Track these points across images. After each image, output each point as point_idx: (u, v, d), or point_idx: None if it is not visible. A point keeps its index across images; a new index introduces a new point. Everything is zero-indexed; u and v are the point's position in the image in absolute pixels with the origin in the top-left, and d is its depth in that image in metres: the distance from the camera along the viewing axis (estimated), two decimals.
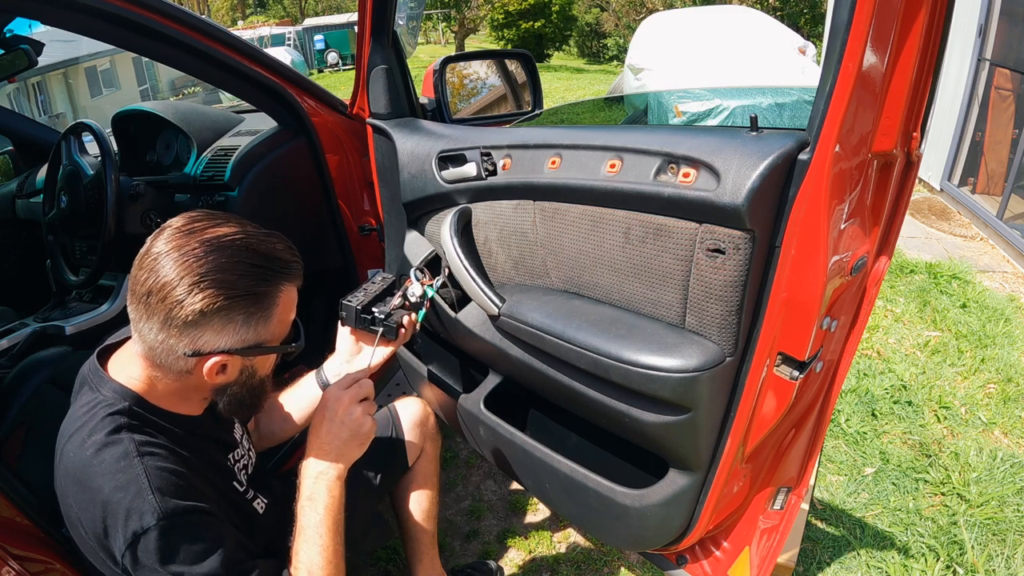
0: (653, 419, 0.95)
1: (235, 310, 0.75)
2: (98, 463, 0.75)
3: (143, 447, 0.77)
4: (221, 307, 0.74)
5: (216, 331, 0.75)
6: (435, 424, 1.36)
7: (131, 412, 0.79)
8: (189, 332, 0.74)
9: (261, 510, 1.00)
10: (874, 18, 0.68)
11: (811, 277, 0.80)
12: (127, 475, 0.74)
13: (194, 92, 12.75)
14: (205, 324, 0.74)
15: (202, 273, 0.72)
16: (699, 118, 4.91)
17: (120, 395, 0.80)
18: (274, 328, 0.80)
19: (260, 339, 0.79)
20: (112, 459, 0.75)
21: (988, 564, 1.55)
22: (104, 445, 0.76)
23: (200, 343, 0.75)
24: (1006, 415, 2.10)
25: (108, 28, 1.20)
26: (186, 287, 0.72)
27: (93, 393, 0.81)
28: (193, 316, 0.73)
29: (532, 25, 20.03)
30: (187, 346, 0.75)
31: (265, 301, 0.78)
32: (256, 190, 1.65)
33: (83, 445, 0.77)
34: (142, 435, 0.78)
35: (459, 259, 1.16)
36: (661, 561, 1.24)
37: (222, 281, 0.73)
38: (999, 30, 3.74)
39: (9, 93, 5.90)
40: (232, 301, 0.74)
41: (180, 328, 0.74)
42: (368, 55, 1.41)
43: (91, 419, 0.78)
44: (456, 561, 1.63)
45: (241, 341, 0.77)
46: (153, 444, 0.78)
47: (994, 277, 3.18)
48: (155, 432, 0.80)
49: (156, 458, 0.77)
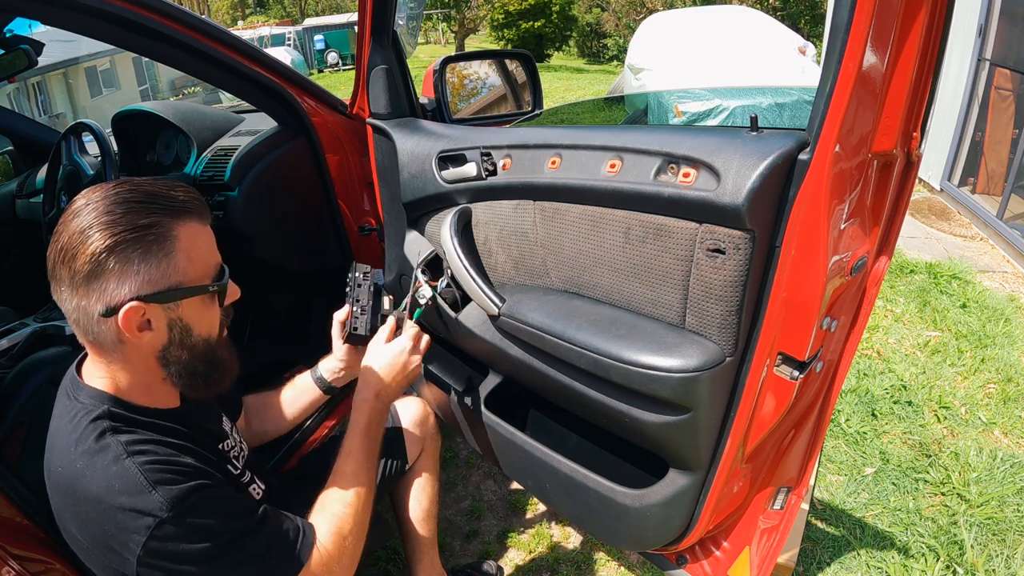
0: (653, 419, 0.95)
1: (128, 248, 0.71)
2: (90, 472, 0.74)
3: (131, 446, 0.75)
4: (111, 246, 0.70)
5: (117, 277, 0.71)
6: (435, 424, 1.36)
7: (111, 414, 0.77)
8: (93, 286, 0.71)
9: (258, 496, 0.99)
10: (874, 18, 0.68)
11: (811, 277, 0.80)
12: (123, 478, 0.73)
13: (194, 92, 12.75)
14: (104, 272, 0.71)
15: (89, 222, 0.71)
16: (699, 118, 4.91)
17: (96, 399, 0.78)
18: (184, 268, 0.75)
19: (171, 282, 0.74)
20: (103, 465, 0.74)
21: (988, 564, 1.55)
22: (92, 453, 0.74)
23: (108, 296, 0.71)
24: (1006, 415, 2.10)
25: (108, 28, 1.20)
26: (76, 240, 0.70)
27: (71, 402, 0.79)
28: (89, 265, 0.70)
29: (532, 25, 20.04)
30: (98, 303, 0.72)
31: (159, 236, 0.73)
32: (256, 190, 1.65)
33: (71, 457, 0.75)
34: (127, 435, 0.76)
35: (459, 259, 1.16)
36: (661, 561, 1.24)
37: (107, 223, 0.70)
38: (999, 30, 3.74)
39: (9, 93, 5.90)
40: (119, 237, 0.70)
41: (84, 284, 0.71)
42: (368, 55, 1.41)
43: (74, 429, 0.76)
44: (456, 561, 1.63)
45: (148, 283, 0.73)
46: (140, 442, 0.77)
47: (994, 277, 3.18)
48: (139, 429, 0.78)
49: (146, 455, 0.75)
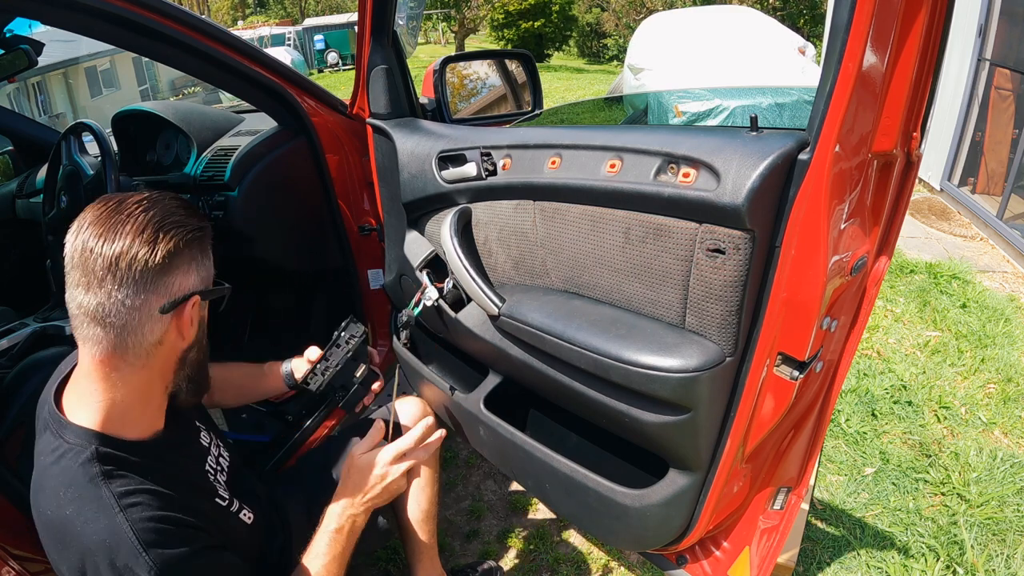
0: (653, 419, 0.95)
1: (194, 246, 0.77)
2: (80, 522, 0.72)
3: (123, 498, 0.73)
4: (187, 243, 0.76)
5: (184, 272, 0.76)
6: (433, 423, 1.36)
7: (101, 456, 0.75)
8: (163, 281, 0.74)
9: (249, 521, 0.98)
10: (874, 18, 0.68)
11: (811, 277, 0.80)
12: (113, 533, 0.72)
13: (194, 92, 12.76)
14: (175, 267, 0.75)
15: (156, 222, 0.74)
16: (699, 118, 4.91)
17: (83, 438, 0.76)
18: (211, 269, 0.82)
19: (209, 280, 0.81)
20: (92, 514, 0.72)
21: (988, 564, 1.55)
22: (83, 501, 0.73)
23: (174, 289, 0.76)
24: (1006, 415, 2.10)
25: (108, 28, 1.20)
26: (148, 239, 0.72)
27: (56, 439, 0.77)
28: (164, 261, 0.73)
29: (532, 25, 20.05)
30: (163, 299, 0.75)
31: (207, 238, 0.81)
32: (256, 190, 1.65)
33: (59, 502, 0.73)
34: (119, 481, 0.75)
35: (459, 259, 1.16)
36: (661, 561, 1.24)
37: (176, 222, 0.75)
38: (999, 30, 3.74)
39: (9, 93, 5.89)
40: (192, 235, 0.76)
41: (154, 280, 0.73)
42: (368, 55, 1.41)
43: (62, 472, 0.75)
44: (456, 561, 1.63)
45: (202, 280, 0.79)
46: (132, 492, 0.75)
47: (994, 277, 3.18)
48: (130, 472, 0.77)
49: (139, 508, 0.74)
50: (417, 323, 1.46)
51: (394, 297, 1.60)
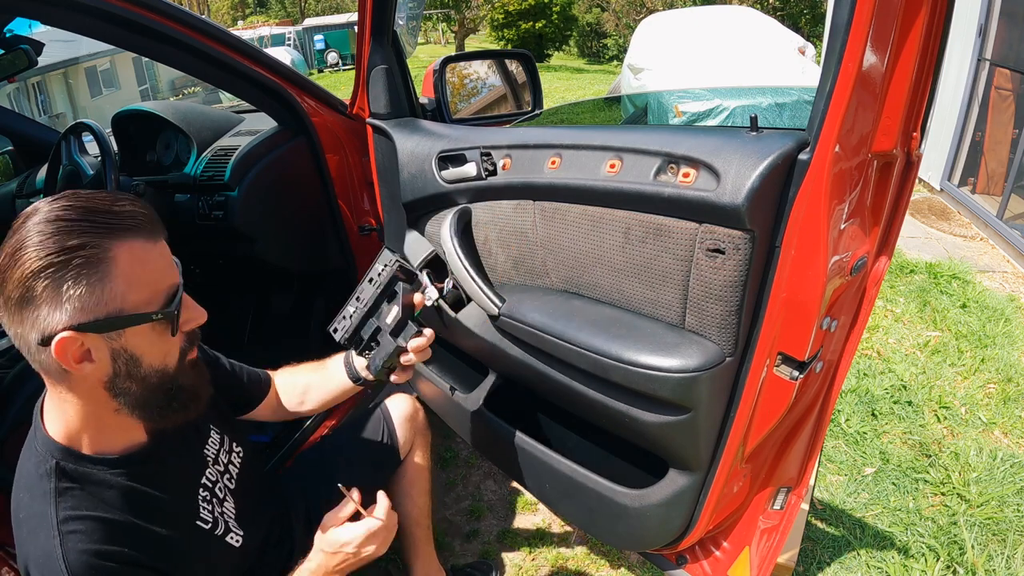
0: (653, 419, 0.95)
1: (57, 272, 0.63)
2: (25, 530, 0.73)
3: (64, 524, 0.70)
4: (38, 270, 0.63)
5: (51, 304, 0.64)
6: (424, 419, 1.36)
7: (59, 471, 0.72)
8: (27, 314, 0.65)
9: (237, 544, 0.94)
10: (874, 18, 0.68)
11: (811, 277, 0.80)
12: (46, 555, 0.70)
13: (194, 92, 12.77)
14: (37, 299, 0.64)
15: (18, 243, 0.64)
16: (699, 118, 4.91)
17: (48, 450, 0.73)
18: (123, 294, 0.67)
19: (109, 309, 0.66)
20: (33, 529, 0.72)
21: (988, 564, 1.55)
22: (30, 511, 0.73)
23: (42, 324, 0.65)
24: (1006, 415, 2.10)
25: (108, 28, 1.20)
26: (8, 261, 0.64)
27: (32, 439, 0.76)
28: (19, 290, 0.63)
29: (532, 25, 20.05)
30: (33, 331, 0.65)
31: (91, 258, 0.65)
32: (256, 190, 1.65)
33: (18, 503, 0.75)
34: (68, 503, 0.72)
35: (459, 259, 1.16)
36: (661, 561, 1.24)
37: (36, 243, 0.63)
38: (999, 30, 3.74)
39: (9, 93, 5.90)
40: (47, 260, 0.63)
41: (18, 311, 0.65)
42: (368, 55, 1.41)
43: (26, 476, 0.75)
44: (456, 560, 1.63)
45: (82, 311, 0.65)
46: (77, 518, 0.72)
47: (994, 277, 3.18)
48: (84, 492, 0.73)
49: (77, 536, 0.71)
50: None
51: None
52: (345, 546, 0.92)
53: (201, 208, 1.69)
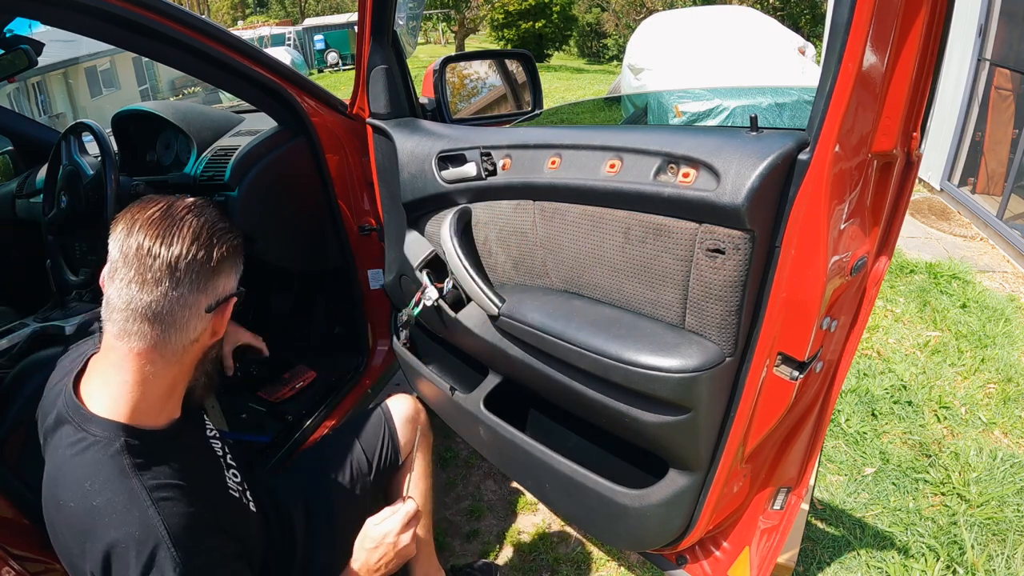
0: (653, 419, 0.95)
1: (237, 252, 0.83)
2: (108, 513, 0.72)
3: (155, 492, 0.75)
4: (233, 248, 0.82)
5: (227, 274, 0.82)
6: (426, 420, 1.37)
7: (130, 448, 0.76)
8: (213, 282, 0.80)
9: (255, 508, 1.01)
10: (874, 18, 0.68)
11: (811, 277, 0.80)
12: (144, 526, 0.72)
13: (194, 92, 12.77)
14: (223, 270, 0.81)
15: (209, 227, 0.79)
16: (699, 118, 4.91)
17: (110, 431, 0.76)
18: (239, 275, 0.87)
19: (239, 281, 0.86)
20: (123, 506, 0.73)
21: (988, 564, 1.55)
22: (111, 492, 0.73)
23: (220, 289, 0.81)
24: (1006, 415, 2.10)
25: (108, 28, 1.20)
26: (204, 243, 0.78)
27: (79, 432, 0.76)
28: (218, 263, 0.79)
29: (532, 25, 20.04)
30: (211, 298, 0.80)
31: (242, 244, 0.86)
32: (256, 190, 1.65)
33: (84, 492, 0.73)
34: (150, 473, 0.76)
35: (459, 259, 1.16)
36: (661, 561, 1.24)
37: (224, 229, 0.81)
38: (999, 30, 3.74)
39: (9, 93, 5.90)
40: (237, 241, 0.83)
41: (208, 281, 0.79)
42: (368, 55, 1.41)
43: (87, 464, 0.75)
44: (456, 561, 1.63)
45: (236, 281, 0.85)
46: (163, 486, 0.76)
47: (994, 277, 3.18)
48: (159, 464, 0.78)
49: (171, 503, 0.75)
50: (417, 323, 1.46)
51: (394, 297, 1.60)
52: (385, 537, 1.00)
53: None
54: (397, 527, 1.01)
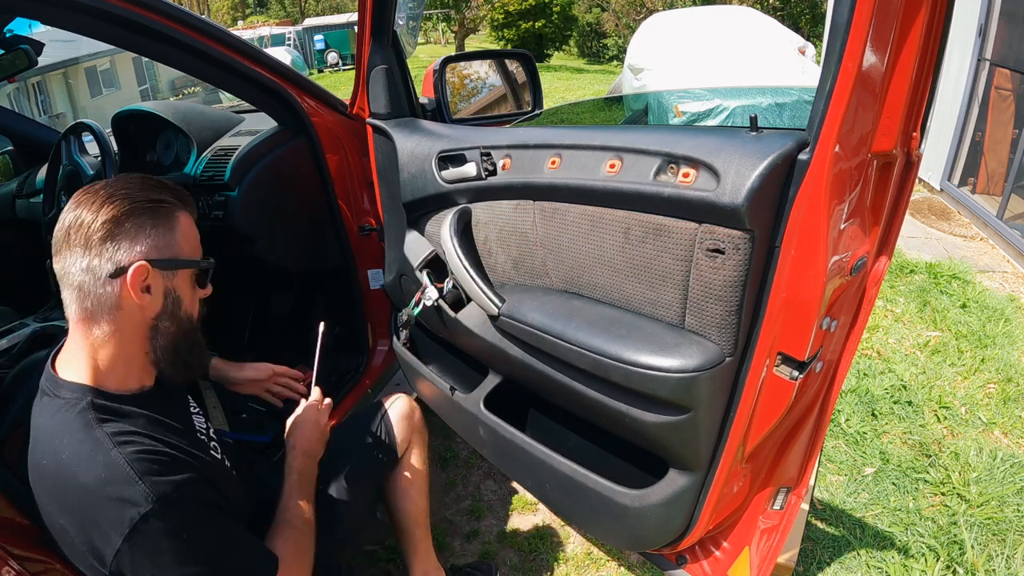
0: (653, 419, 0.95)
1: (143, 215, 0.80)
2: (76, 462, 0.75)
3: (116, 437, 0.77)
4: (129, 211, 0.79)
5: (130, 239, 0.79)
6: (421, 418, 1.37)
7: (95, 406, 0.79)
8: (107, 246, 0.78)
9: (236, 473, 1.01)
10: (874, 18, 0.68)
11: (811, 277, 0.80)
12: (108, 468, 0.74)
13: (194, 92, 12.76)
14: (120, 234, 0.78)
15: (107, 195, 0.79)
16: (699, 118, 4.91)
17: (77, 392, 0.80)
18: (182, 245, 0.84)
19: (172, 252, 0.83)
20: (87, 454, 0.75)
21: (988, 564, 1.55)
22: (78, 443, 0.76)
23: (120, 256, 0.78)
24: (1006, 415, 2.10)
25: (108, 28, 1.20)
26: (95, 208, 0.78)
27: (52, 399, 0.81)
28: (107, 227, 0.77)
29: (532, 25, 20.04)
30: (109, 263, 0.78)
31: (165, 213, 0.82)
32: (256, 190, 1.65)
33: (55, 448, 0.77)
34: (113, 424, 0.78)
35: (459, 259, 1.16)
36: (661, 561, 1.24)
37: (125, 195, 0.80)
38: (999, 30, 3.74)
39: (9, 93, 5.90)
40: (136, 205, 0.79)
41: (99, 244, 0.77)
42: (368, 55, 1.41)
43: (57, 423, 0.78)
44: (456, 561, 1.63)
45: (155, 249, 0.81)
46: (126, 432, 0.78)
47: (994, 277, 3.18)
48: (124, 419, 0.80)
49: (132, 445, 0.77)
50: (417, 323, 1.46)
51: (394, 297, 1.60)
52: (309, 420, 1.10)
53: (201, 208, 1.69)
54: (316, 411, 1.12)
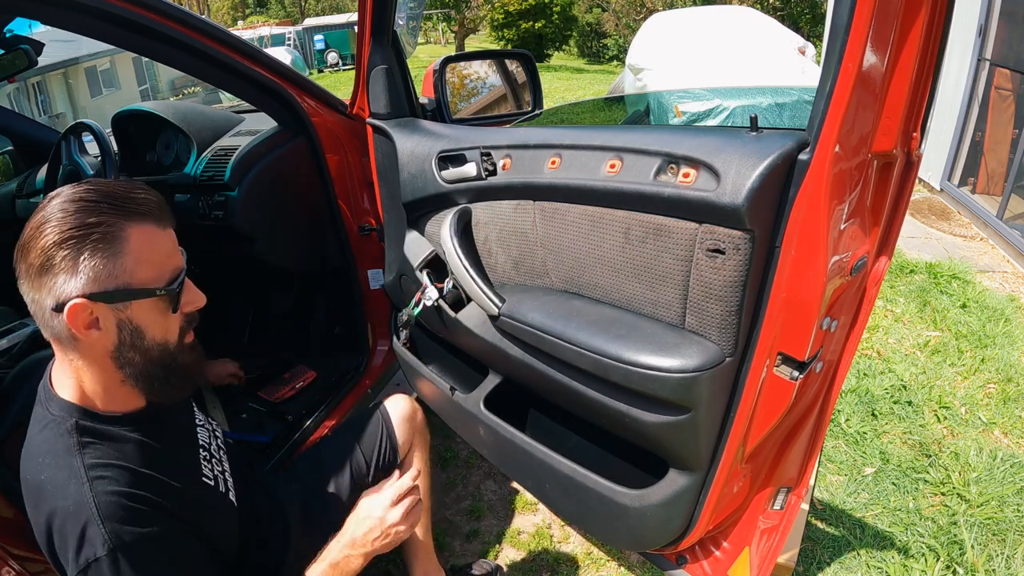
0: (653, 419, 0.95)
1: (75, 244, 0.71)
2: (51, 487, 0.75)
3: (92, 470, 0.75)
4: (58, 242, 0.70)
5: (66, 272, 0.71)
6: (423, 419, 1.37)
7: (80, 428, 0.78)
8: (44, 280, 0.71)
9: (235, 500, 1.00)
10: (874, 18, 0.68)
11: (811, 277, 0.80)
12: (77, 502, 0.74)
13: (194, 92, 12.75)
14: (53, 267, 0.71)
15: (46, 218, 0.71)
16: (699, 118, 4.90)
17: (65, 411, 0.79)
18: (132, 269, 0.74)
19: (119, 282, 0.73)
20: (62, 482, 0.75)
21: (988, 564, 1.55)
22: (56, 468, 0.76)
23: (57, 291, 0.72)
24: (1006, 415, 2.10)
25: (108, 28, 1.20)
26: (34, 230, 0.71)
27: (44, 411, 0.81)
28: (40, 259, 0.71)
29: (532, 25, 20.04)
30: (49, 298, 0.72)
31: (107, 235, 0.72)
32: (256, 190, 1.65)
33: (38, 467, 0.77)
34: (93, 453, 0.77)
35: (459, 259, 1.16)
36: (661, 561, 1.24)
37: (59, 219, 0.71)
38: (999, 30, 3.74)
39: (9, 93, 5.90)
40: (68, 233, 0.70)
41: (37, 278, 0.72)
42: (368, 55, 1.41)
43: (44, 440, 0.78)
44: (456, 561, 1.63)
45: (94, 282, 0.72)
46: (103, 465, 0.76)
47: (994, 277, 3.18)
48: (107, 446, 0.79)
49: (106, 481, 0.75)
50: (417, 323, 1.46)
51: (394, 297, 1.60)
52: (373, 510, 0.98)
53: (201, 208, 1.69)
54: (388, 501, 0.98)
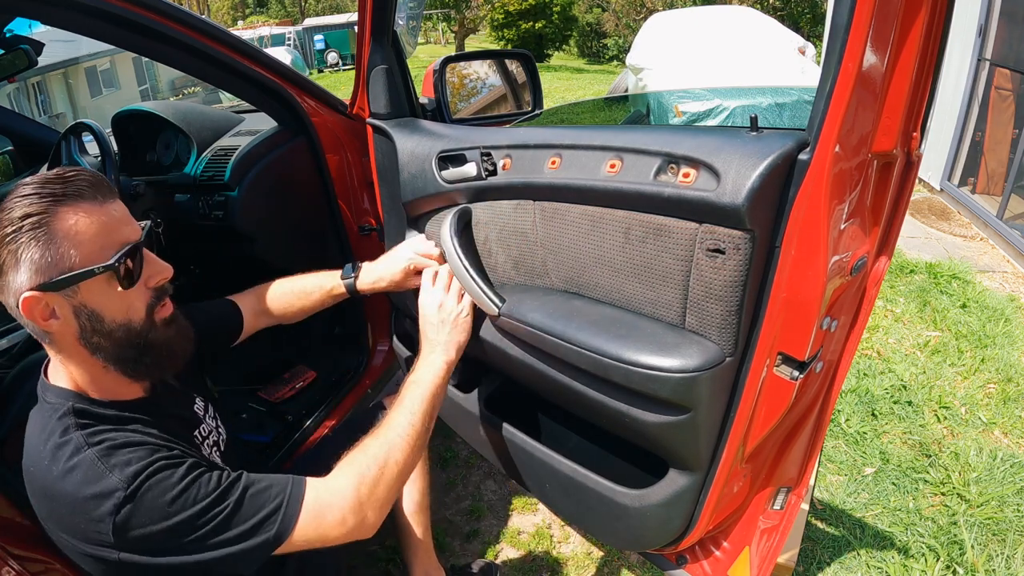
0: (653, 419, 0.95)
1: (13, 240, 0.71)
2: (57, 468, 0.76)
3: (91, 437, 0.77)
4: (1, 241, 0.71)
5: (13, 269, 0.72)
6: None
7: (76, 411, 0.79)
8: (2, 283, 0.73)
9: None
10: (874, 18, 0.68)
11: (811, 277, 0.80)
12: (84, 468, 0.75)
13: (194, 92, 12.75)
14: (4, 266, 0.72)
15: None
16: (699, 118, 4.90)
17: (61, 397, 0.80)
18: (71, 253, 0.74)
19: (60, 268, 0.73)
20: (66, 458, 0.76)
21: (988, 564, 1.55)
22: (58, 448, 0.77)
23: (12, 288, 0.73)
24: (1006, 415, 2.10)
25: (108, 28, 1.20)
26: None
27: (41, 403, 0.82)
28: None
29: (532, 25, 20.06)
30: (10, 297, 0.74)
31: (39, 224, 0.72)
32: (256, 190, 1.65)
33: (40, 456, 0.78)
34: (91, 429, 0.78)
35: (459, 259, 1.16)
36: (661, 561, 1.24)
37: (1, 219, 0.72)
38: (999, 30, 3.74)
39: (9, 93, 5.89)
40: (5, 231, 0.71)
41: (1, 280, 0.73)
42: (368, 55, 1.41)
43: (43, 430, 0.79)
44: (456, 561, 1.63)
45: (38, 273, 0.72)
46: (102, 431, 0.78)
47: (994, 277, 3.18)
48: (105, 424, 0.80)
49: (105, 442, 0.77)
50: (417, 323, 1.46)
51: (394, 297, 1.60)
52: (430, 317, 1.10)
53: (201, 208, 1.69)
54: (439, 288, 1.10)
